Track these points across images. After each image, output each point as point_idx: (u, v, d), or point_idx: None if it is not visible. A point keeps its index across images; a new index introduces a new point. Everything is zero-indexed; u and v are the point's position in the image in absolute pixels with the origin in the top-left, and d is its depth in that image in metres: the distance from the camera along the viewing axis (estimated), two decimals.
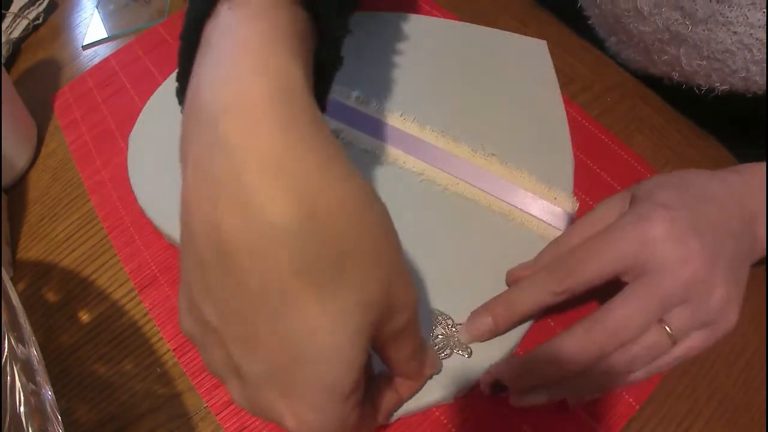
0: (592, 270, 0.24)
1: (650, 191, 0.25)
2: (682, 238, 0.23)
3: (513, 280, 0.28)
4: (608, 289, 0.24)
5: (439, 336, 0.28)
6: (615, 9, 0.33)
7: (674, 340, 0.23)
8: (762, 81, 0.29)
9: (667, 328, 0.23)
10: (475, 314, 0.27)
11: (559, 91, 0.36)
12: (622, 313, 0.23)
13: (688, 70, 0.32)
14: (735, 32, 0.28)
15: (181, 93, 0.21)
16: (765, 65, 0.28)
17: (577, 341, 0.23)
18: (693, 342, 0.24)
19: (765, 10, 0.27)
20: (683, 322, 0.23)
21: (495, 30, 0.39)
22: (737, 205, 0.25)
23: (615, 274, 0.24)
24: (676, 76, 0.33)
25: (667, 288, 0.23)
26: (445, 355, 0.27)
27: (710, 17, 0.28)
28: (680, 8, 0.29)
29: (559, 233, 0.30)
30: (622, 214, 0.26)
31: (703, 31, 0.29)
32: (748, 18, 0.27)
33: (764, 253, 0.26)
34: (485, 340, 0.27)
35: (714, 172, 0.27)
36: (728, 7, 0.27)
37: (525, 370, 0.25)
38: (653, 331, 0.23)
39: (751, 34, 0.28)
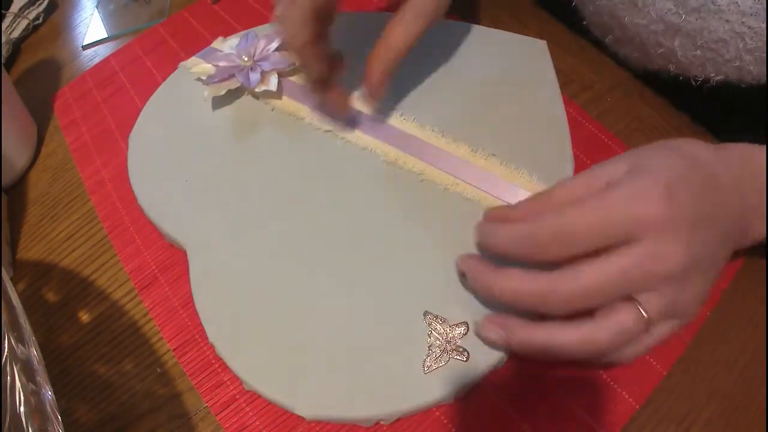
0: (579, 243, 0.23)
1: (656, 158, 0.24)
2: (677, 229, 0.22)
3: (491, 219, 0.28)
4: None
5: (436, 342, 0.27)
6: (609, 3, 0.33)
7: (648, 326, 0.23)
8: (756, 70, 0.29)
9: (642, 312, 0.23)
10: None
11: (559, 91, 0.36)
12: (594, 279, 0.22)
13: (684, 62, 0.32)
14: (727, 20, 0.28)
15: None
16: (758, 54, 0.28)
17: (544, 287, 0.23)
18: (663, 331, 0.24)
19: None
20: (657, 310, 0.23)
21: (495, 30, 0.39)
22: (740, 197, 0.25)
23: (600, 246, 0.23)
24: (672, 68, 0.33)
25: (644, 272, 0.22)
26: (444, 362, 0.27)
27: (702, 6, 0.28)
28: None
29: None
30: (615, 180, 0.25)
31: (696, 20, 0.29)
32: (739, 6, 0.27)
33: (747, 244, 0.26)
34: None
35: (727, 155, 0.26)
36: None
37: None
38: (629, 307, 0.23)
39: (743, 22, 0.27)
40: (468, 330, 0.28)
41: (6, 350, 0.21)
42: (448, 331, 0.28)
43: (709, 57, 0.30)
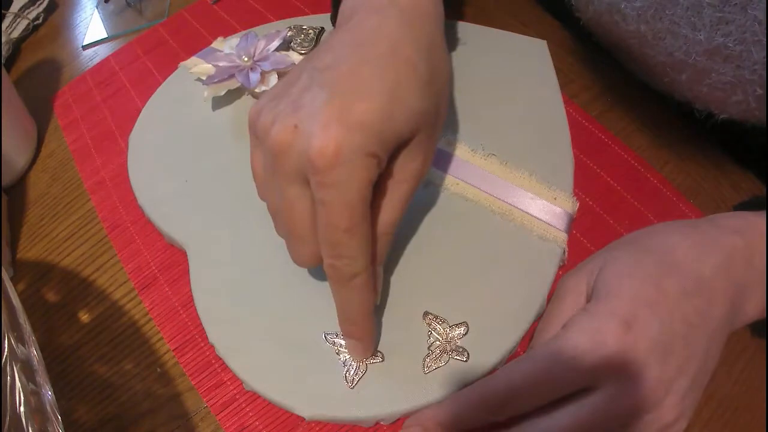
0: (533, 399, 0.22)
1: (623, 276, 0.23)
2: (639, 361, 0.21)
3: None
4: None
5: (436, 342, 0.28)
6: (618, 30, 0.33)
7: None
8: (761, 115, 0.29)
9: None
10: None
11: (559, 91, 0.36)
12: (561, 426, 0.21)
13: (689, 95, 0.32)
14: (738, 66, 0.27)
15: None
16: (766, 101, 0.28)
17: None
18: None
19: None
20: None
21: (495, 30, 0.39)
22: (730, 285, 0.23)
23: (557, 397, 0.22)
24: (676, 97, 0.33)
25: (613, 416, 0.21)
26: (444, 362, 0.27)
27: (714, 49, 0.28)
28: (684, 36, 0.29)
29: (559, 233, 0.30)
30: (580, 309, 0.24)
31: (706, 61, 0.29)
32: (753, 54, 0.26)
33: (747, 322, 0.25)
34: None
35: (715, 236, 0.24)
36: (734, 41, 0.27)
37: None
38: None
39: (754, 70, 0.27)
40: (468, 330, 0.28)
41: (6, 350, 0.21)
42: (448, 331, 0.28)
43: (716, 96, 0.30)
